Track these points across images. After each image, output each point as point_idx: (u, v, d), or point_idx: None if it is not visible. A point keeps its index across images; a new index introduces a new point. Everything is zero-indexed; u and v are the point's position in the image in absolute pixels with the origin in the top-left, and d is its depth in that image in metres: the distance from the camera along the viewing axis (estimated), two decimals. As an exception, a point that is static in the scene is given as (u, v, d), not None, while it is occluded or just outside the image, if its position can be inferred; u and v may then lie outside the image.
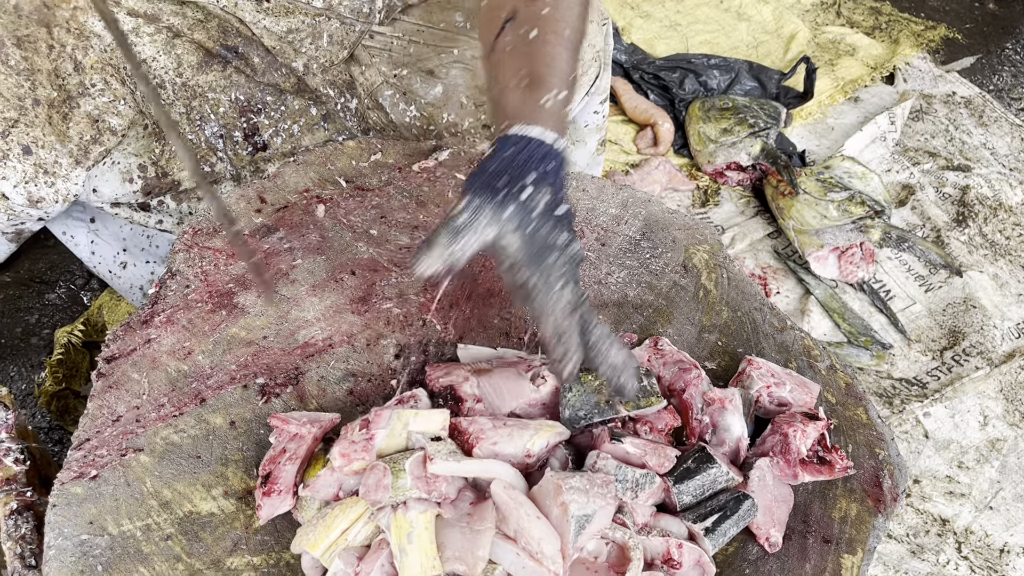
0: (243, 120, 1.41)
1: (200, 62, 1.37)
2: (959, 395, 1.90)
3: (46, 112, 1.29)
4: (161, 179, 1.40)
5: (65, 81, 1.31)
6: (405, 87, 1.42)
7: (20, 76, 1.28)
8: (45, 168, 1.29)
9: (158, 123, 1.37)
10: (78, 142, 1.32)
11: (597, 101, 1.61)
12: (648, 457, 0.95)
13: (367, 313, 1.16)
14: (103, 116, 1.33)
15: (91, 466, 0.97)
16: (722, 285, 1.26)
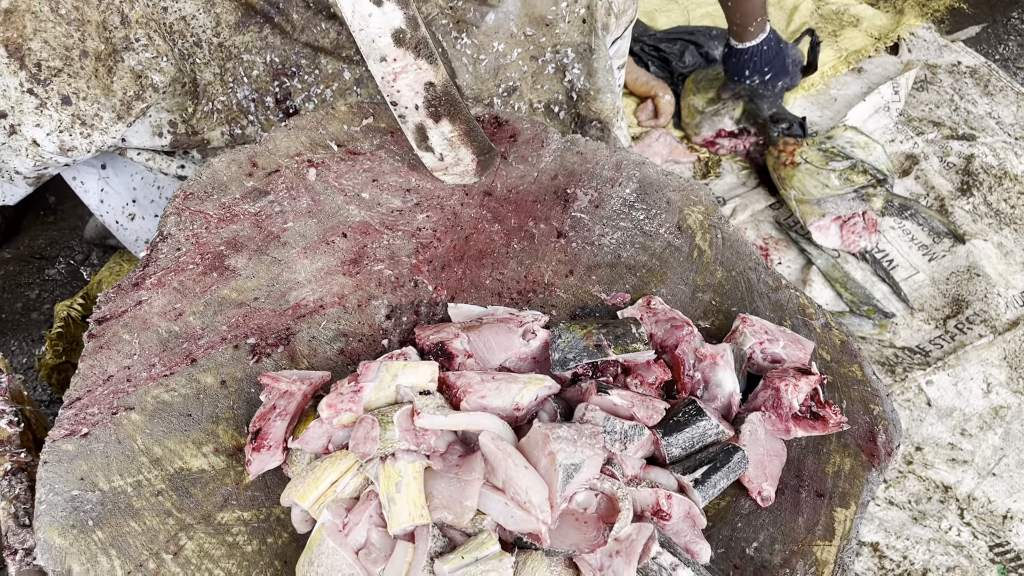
0: (276, 84, 1.40)
1: (238, 21, 1.35)
2: (962, 363, 1.89)
3: (93, 64, 1.28)
4: (191, 136, 1.39)
5: (112, 34, 1.30)
6: (460, 16, 1.40)
7: (71, 26, 1.27)
8: (84, 120, 1.28)
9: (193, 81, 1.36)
10: (122, 97, 1.31)
11: (616, 64, 1.61)
12: (636, 409, 0.95)
13: (358, 275, 1.16)
14: (146, 72, 1.32)
15: (82, 424, 0.98)
16: (717, 245, 1.25)
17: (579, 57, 1.43)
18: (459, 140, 1.21)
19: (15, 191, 1.40)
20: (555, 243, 1.23)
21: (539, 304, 1.16)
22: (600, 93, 1.47)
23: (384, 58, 1.13)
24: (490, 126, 1.36)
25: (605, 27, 1.45)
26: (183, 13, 1.34)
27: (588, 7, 1.40)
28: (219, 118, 1.41)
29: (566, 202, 1.28)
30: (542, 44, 1.41)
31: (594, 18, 1.42)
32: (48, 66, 1.25)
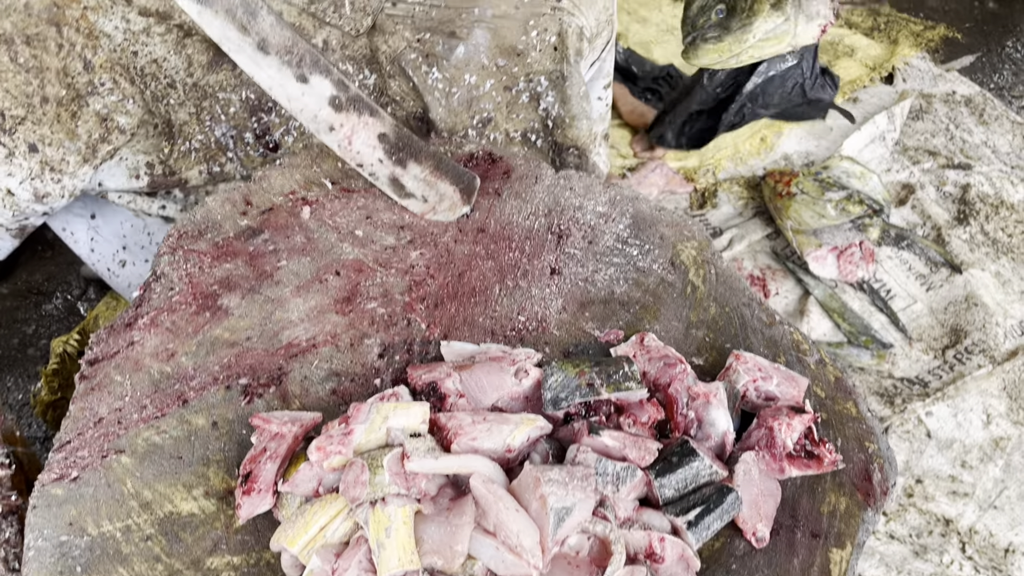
0: (254, 120, 1.41)
1: (211, 61, 1.37)
2: (961, 394, 1.88)
3: (55, 110, 1.30)
4: (168, 177, 1.40)
5: (74, 80, 1.32)
6: (428, 50, 1.41)
7: (29, 74, 1.29)
8: (52, 165, 1.29)
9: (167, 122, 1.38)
10: (86, 140, 1.32)
11: (601, 85, 1.61)
12: (628, 450, 0.94)
13: (351, 313, 1.16)
14: (112, 115, 1.34)
15: (72, 467, 0.97)
16: (710, 281, 1.25)
17: (552, 85, 1.44)
18: (433, 177, 1.22)
19: (1, 245, 1.41)
20: (549, 279, 1.23)
21: (532, 342, 1.16)
22: (575, 120, 1.48)
23: (332, 127, 1.18)
24: (484, 162, 1.37)
25: (579, 52, 1.46)
26: (154, 56, 1.36)
27: (559, 34, 1.41)
28: (197, 157, 1.42)
29: (560, 238, 1.28)
30: (514, 74, 1.42)
31: (565, 45, 1.43)
32: (11, 115, 1.27)
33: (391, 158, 1.20)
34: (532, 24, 1.41)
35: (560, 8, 1.41)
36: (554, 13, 1.41)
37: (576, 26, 1.43)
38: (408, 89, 1.44)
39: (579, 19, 1.44)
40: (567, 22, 1.42)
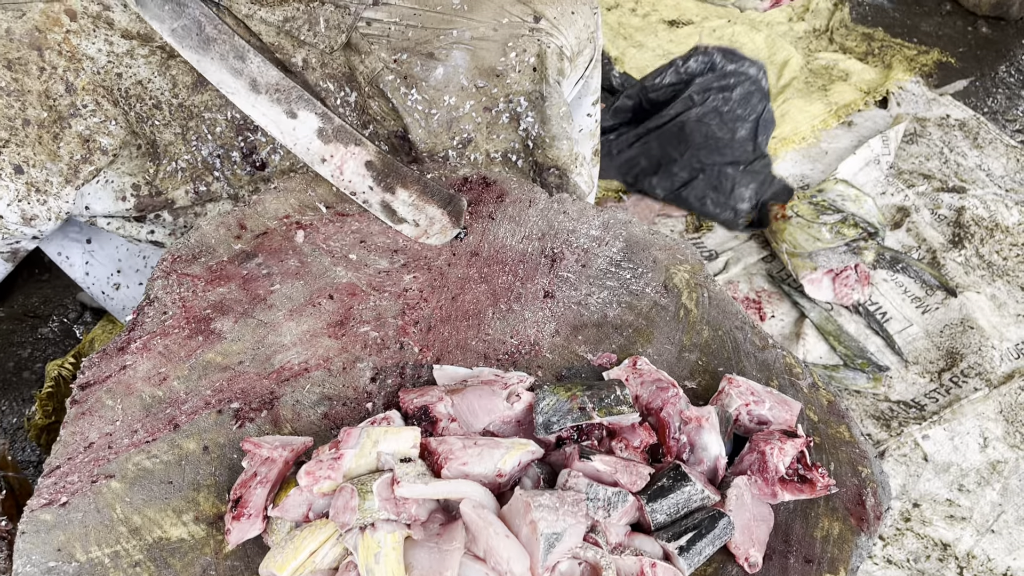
0: (240, 139, 1.42)
1: (195, 81, 1.38)
2: (958, 417, 1.87)
3: (36, 132, 1.31)
4: (155, 198, 1.41)
5: (56, 102, 1.33)
6: (406, 71, 1.43)
7: (11, 97, 1.30)
8: (37, 187, 1.30)
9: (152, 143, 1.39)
10: (68, 161, 1.33)
11: (589, 101, 1.62)
12: (620, 475, 0.94)
13: (344, 337, 1.16)
14: (94, 136, 1.35)
15: (61, 493, 0.97)
16: (703, 304, 1.25)
17: (532, 105, 1.45)
18: (421, 200, 1.24)
19: None
20: (542, 303, 1.23)
21: (525, 365, 1.16)
22: (556, 140, 1.48)
23: (323, 158, 1.21)
24: (478, 186, 1.37)
25: (560, 72, 1.47)
26: (139, 78, 1.37)
27: (538, 55, 1.42)
28: (183, 176, 1.42)
29: (553, 261, 1.29)
30: (494, 95, 1.43)
31: (545, 66, 1.44)
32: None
33: (379, 184, 1.21)
34: (511, 45, 1.42)
35: (539, 29, 1.42)
36: (532, 34, 1.42)
37: (556, 46, 1.44)
38: (388, 109, 1.45)
39: (558, 39, 1.45)
40: (546, 42, 1.43)
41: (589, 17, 1.49)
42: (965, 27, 3.06)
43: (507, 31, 1.41)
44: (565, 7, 1.45)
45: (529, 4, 1.42)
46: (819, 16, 3.08)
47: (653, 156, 2.23)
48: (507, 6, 1.41)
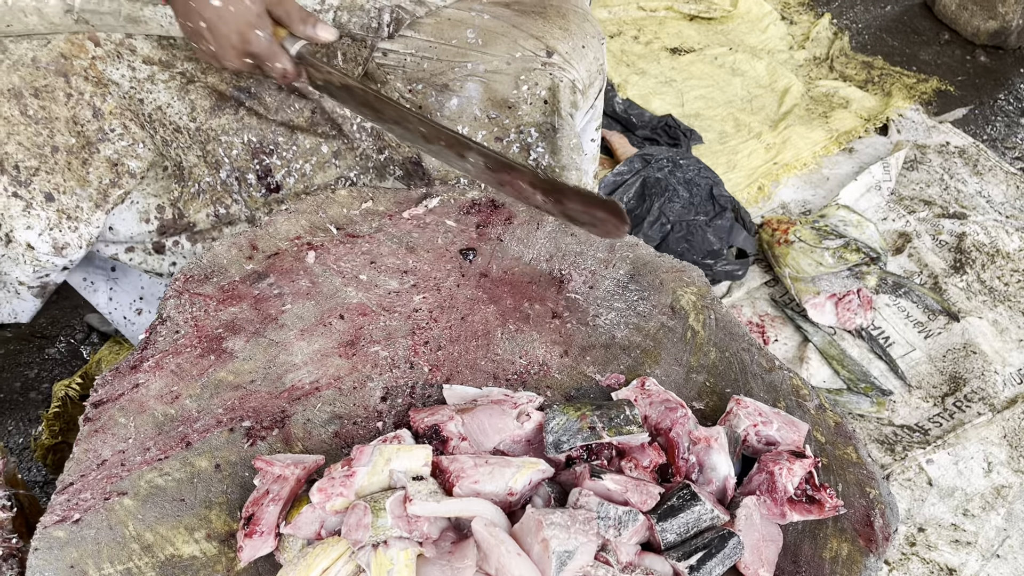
0: (256, 162, 1.44)
1: (213, 105, 1.40)
2: (962, 441, 1.88)
3: (65, 158, 1.32)
4: (177, 220, 1.43)
5: (84, 128, 1.35)
6: (421, 101, 1.45)
7: (39, 125, 1.32)
8: (68, 213, 1.31)
9: (178, 164, 1.41)
10: (97, 186, 1.35)
11: (593, 127, 1.65)
12: (630, 494, 0.95)
13: (354, 356, 1.17)
14: (122, 160, 1.36)
15: (74, 510, 0.97)
16: (710, 326, 1.26)
17: (543, 136, 1.48)
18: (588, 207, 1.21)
19: (24, 306, 1.44)
20: (550, 324, 1.24)
21: (534, 385, 1.17)
22: (565, 170, 1.50)
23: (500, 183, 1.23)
24: (486, 209, 1.39)
25: (574, 105, 1.49)
26: (159, 103, 1.39)
27: (550, 88, 1.45)
28: (204, 199, 1.45)
29: (561, 283, 1.30)
30: (506, 125, 1.45)
31: (557, 99, 1.46)
32: (26, 167, 1.30)
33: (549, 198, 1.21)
34: (523, 79, 1.45)
35: (551, 63, 1.45)
36: (545, 68, 1.45)
37: (568, 80, 1.47)
38: None
39: (570, 73, 1.47)
40: (558, 76, 1.45)
41: (598, 49, 1.52)
42: (963, 56, 3.10)
43: (520, 65, 1.43)
44: (576, 41, 1.47)
45: (541, 39, 1.45)
46: (819, 44, 3.12)
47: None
48: (520, 40, 1.44)
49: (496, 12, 1.46)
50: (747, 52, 3.00)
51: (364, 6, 1.42)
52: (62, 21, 1.34)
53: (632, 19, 3.14)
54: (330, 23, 1.41)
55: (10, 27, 1.33)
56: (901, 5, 3.32)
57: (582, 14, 1.50)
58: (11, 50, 1.33)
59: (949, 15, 3.19)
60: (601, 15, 3.09)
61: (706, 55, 3.00)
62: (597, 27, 1.54)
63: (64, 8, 1.34)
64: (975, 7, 3.09)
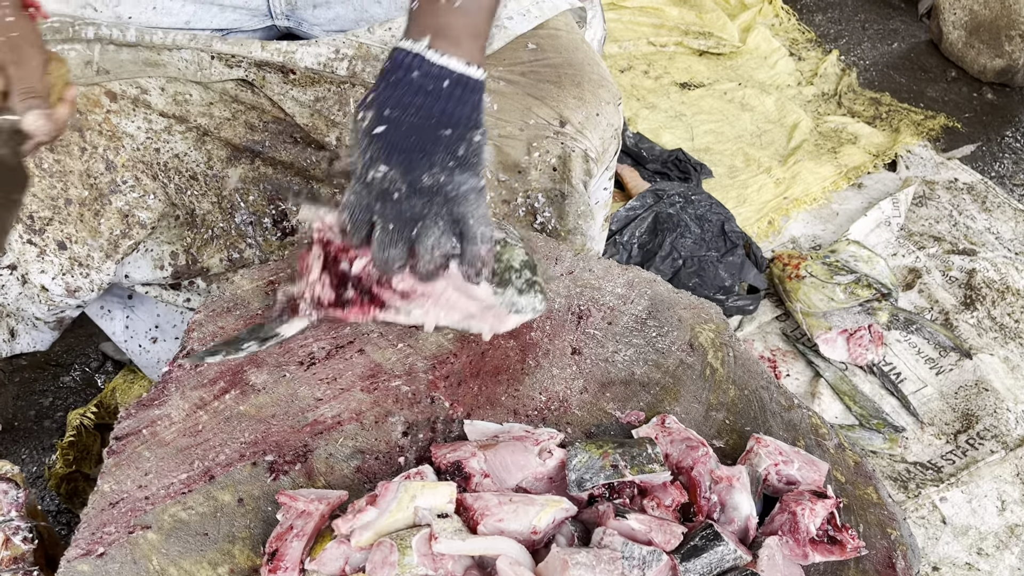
0: (272, 207, 1.46)
1: (230, 155, 1.43)
2: (975, 479, 1.87)
3: (78, 210, 1.35)
4: (191, 266, 1.45)
5: (96, 180, 1.37)
6: None
7: (53, 178, 1.34)
8: (79, 261, 1.34)
9: (191, 212, 1.43)
10: (108, 237, 1.37)
11: (606, 177, 1.66)
12: (654, 533, 0.95)
13: (376, 391, 1.17)
14: (133, 211, 1.39)
15: (98, 543, 0.98)
16: (728, 364, 1.27)
17: (550, 201, 1.48)
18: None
19: (42, 337, 1.47)
20: (570, 359, 1.25)
21: (554, 421, 1.17)
22: (571, 235, 1.51)
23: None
24: (505, 244, 1.40)
25: (587, 173, 1.49)
26: (176, 151, 1.42)
27: (560, 157, 1.45)
28: (218, 244, 1.46)
29: (580, 318, 1.31)
30: (514, 188, 1.46)
31: (567, 168, 1.46)
32: (40, 217, 1.33)
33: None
34: (535, 145, 1.45)
35: (563, 133, 1.45)
36: (557, 137, 1.45)
37: (580, 150, 1.47)
38: None
39: (582, 143, 1.47)
40: (570, 146, 1.46)
41: (613, 114, 1.53)
42: (970, 93, 3.13)
43: (532, 132, 1.44)
44: (590, 110, 1.48)
45: (555, 108, 1.46)
46: (827, 80, 3.15)
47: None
48: (535, 108, 1.45)
49: (512, 79, 1.47)
50: (756, 87, 3.03)
51: (379, 56, 1.44)
52: (83, 73, 1.37)
53: (642, 54, 3.18)
54: (343, 71, 1.42)
55: None
56: (908, 43, 3.36)
57: (598, 80, 1.51)
58: None
59: (956, 53, 3.23)
60: (611, 50, 3.13)
61: (715, 90, 3.03)
62: (614, 90, 1.54)
63: (84, 60, 1.37)
64: (981, 45, 3.12)
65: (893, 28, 3.43)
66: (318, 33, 1.54)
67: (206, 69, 1.41)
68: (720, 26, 3.25)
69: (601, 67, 1.56)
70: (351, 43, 1.44)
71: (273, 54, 1.41)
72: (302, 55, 1.42)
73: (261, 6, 1.50)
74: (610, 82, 1.54)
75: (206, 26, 1.48)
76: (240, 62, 1.41)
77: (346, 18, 1.52)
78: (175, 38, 1.39)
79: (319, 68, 1.42)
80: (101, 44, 1.38)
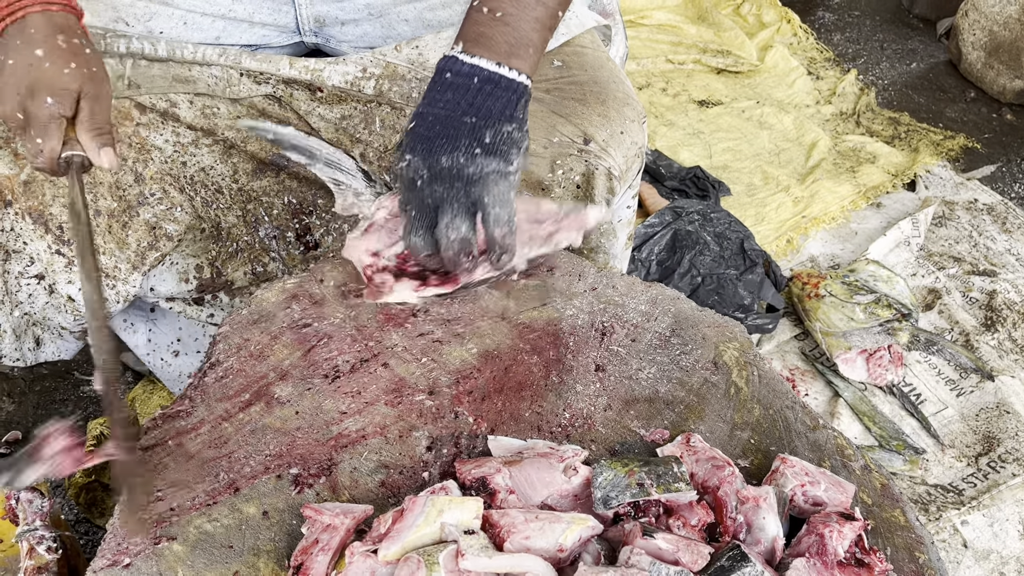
0: (295, 221, 1.46)
1: (255, 169, 1.43)
2: (997, 503, 1.86)
3: (106, 222, 1.36)
4: (216, 279, 1.45)
5: (125, 192, 1.38)
6: None
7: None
8: (106, 272, 1.35)
9: (216, 225, 1.44)
10: (135, 249, 1.38)
11: (629, 195, 1.66)
12: (681, 553, 0.94)
13: (400, 405, 1.17)
14: (160, 223, 1.40)
15: (124, 554, 0.98)
16: (753, 383, 1.26)
17: None
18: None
19: (67, 346, 1.48)
20: (593, 376, 1.25)
21: (578, 438, 1.17)
22: (593, 253, 1.51)
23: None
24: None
25: (610, 191, 1.48)
26: (202, 164, 1.43)
27: (584, 175, 1.44)
28: (243, 258, 1.47)
29: (603, 335, 1.30)
30: None
31: (591, 185, 1.46)
32: (69, 227, 1.33)
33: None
34: (559, 163, 1.45)
35: (587, 151, 1.45)
36: (580, 155, 1.45)
37: (604, 168, 1.47)
38: None
39: (606, 161, 1.47)
40: (594, 164, 1.46)
41: (638, 132, 1.53)
42: (990, 114, 3.12)
43: (556, 150, 1.44)
44: (614, 128, 1.48)
45: (580, 126, 1.46)
46: (846, 100, 3.15)
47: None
48: (559, 126, 1.45)
49: (537, 96, 1.47)
50: (774, 106, 3.04)
51: (406, 76, 1.44)
52: (114, 87, 1.39)
53: (661, 71, 3.18)
54: (370, 90, 1.43)
55: None
56: (927, 63, 3.36)
57: (623, 98, 1.51)
58: None
59: (975, 73, 3.22)
60: (630, 67, 3.14)
61: (733, 108, 3.03)
62: (639, 109, 1.54)
63: (116, 74, 1.39)
64: (1001, 66, 3.12)
65: (912, 48, 3.43)
66: (346, 50, 1.55)
67: (235, 86, 1.42)
68: (738, 44, 3.26)
69: (626, 85, 1.56)
70: (378, 62, 1.45)
71: (301, 72, 1.43)
72: (329, 73, 1.43)
73: (290, 23, 1.52)
74: (635, 100, 1.54)
75: (235, 42, 1.50)
76: (268, 79, 1.43)
77: (374, 35, 1.53)
78: (205, 53, 1.40)
79: (346, 87, 1.43)
80: (133, 59, 1.39)
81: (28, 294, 1.37)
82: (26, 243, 1.35)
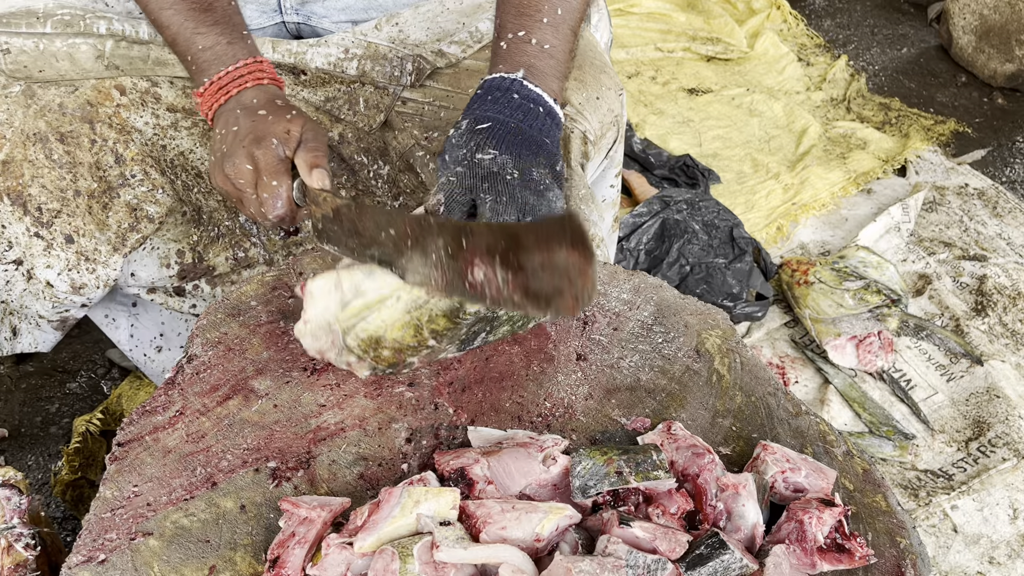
0: None
1: None
2: (987, 487, 1.85)
3: (87, 202, 1.34)
4: (197, 264, 1.44)
5: (106, 173, 1.37)
6: (436, 148, 1.46)
7: (63, 169, 1.34)
8: (86, 255, 1.33)
9: (197, 209, 1.43)
10: (116, 230, 1.37)
11: (612, 173, 1.65)
12: (659, 542, 0.94)
13: (379, 397, 1.17)
14: (141, 205, 1.38)
15: (100, 550, 0.97)
16: (735, 370, 1.25)
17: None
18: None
19: (44, 337, 1.46)
20: (575, 365, 1.24)
21: (559, 428, 1.16)
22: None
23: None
24: (510, 250, 1.39)
25: (584, 156, 1.48)
26: (181, 148, 1.42)
27: (561, 139, 1.44)
28: (224, 243, 1.46)
29: (585, 324, 1.30)
30: None
31: (566, 149, 1.45)
32: (48, 208, 1.32)
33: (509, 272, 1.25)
34: None
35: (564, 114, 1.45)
36: None
37: (579, 131, 1.46)
38: (416, 183, 1.49)
39: (582, 124, 1.46)
40: (569, 127, 1.45)
41: (614, 101, 1.52)
42: (981, 98, 3.11)
43: None
44: (590, 92, 1.48)
45: None
46: (836, 86, 3.14)
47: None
48: None
49: None
50: (764, 93, 3.02)
51: (387, 55, 1.44)
52: (93, 67, 1.37)
53: (650, 60, 3.17)
54: (353, 71, 1.42)
55: (42, 72, 1.35)
56: (917, 48, 3.35)
57: (600, 66, 1.51)
58: (39, 96, 1.35)
59: (966, 58, 3.21)
60: (619, 56, 3.13)
61: (723, 96, 3.02)
62: (615, 79, 1.54)
63: (95, 54, 1.37)
64: (992, 50, 3.11)
65: (902, 33, 3.42)
66: (327, 26, 1.54)
67: None
68: (728, 32, 3.25)
69: (604, 57, 1.56)
70: (360, 42, 1.44)
71: (284, 55, 1.42)
72: (312, 55, 1.42)
73: (271, 1, 1.51)
74: (612, 71, 1.54)
75: None
76: None
77: (355, 7, 1.52)
78: None
79: (329, 68, 1.42)
80: (114, 39, 1.38)
81: (5, 281, 1.35)
82: (4, 227, 1.33)
